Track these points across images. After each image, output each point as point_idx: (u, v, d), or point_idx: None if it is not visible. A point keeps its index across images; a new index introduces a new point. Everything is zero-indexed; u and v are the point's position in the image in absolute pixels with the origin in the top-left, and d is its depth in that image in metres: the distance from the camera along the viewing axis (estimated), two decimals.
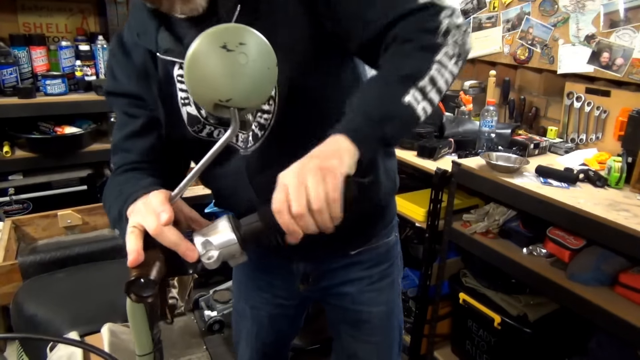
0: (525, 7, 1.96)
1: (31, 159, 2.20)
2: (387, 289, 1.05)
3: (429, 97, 0.68)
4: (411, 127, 0.72)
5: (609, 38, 1.69)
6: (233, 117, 0.63)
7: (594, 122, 1.76)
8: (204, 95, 0.62)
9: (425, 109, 0.68)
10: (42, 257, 1.44)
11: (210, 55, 0.59)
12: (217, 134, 0.83)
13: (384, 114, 0.66)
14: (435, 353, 1.95)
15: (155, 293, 0.61)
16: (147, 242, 0.63)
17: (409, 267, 2.08)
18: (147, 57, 0.79)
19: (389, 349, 1.09)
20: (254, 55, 0.60)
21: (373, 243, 1.01)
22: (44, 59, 2.31)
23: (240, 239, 0.64)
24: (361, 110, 0.67)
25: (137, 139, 0.84)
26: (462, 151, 1.83)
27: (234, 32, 0.60)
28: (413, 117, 0.68)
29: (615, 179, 1.44)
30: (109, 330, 1.04)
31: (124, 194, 0.74)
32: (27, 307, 1.14)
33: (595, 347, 1.54)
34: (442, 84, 0.70)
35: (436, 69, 0.68)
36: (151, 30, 0.76)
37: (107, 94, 0.87)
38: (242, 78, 0.61)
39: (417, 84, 0.67)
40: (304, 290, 1.03)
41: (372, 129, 0.66)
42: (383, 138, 0.67)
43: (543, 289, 1.50)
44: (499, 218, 1.68)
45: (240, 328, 1.17)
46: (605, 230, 1.23)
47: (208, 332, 2.26)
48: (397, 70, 0.69)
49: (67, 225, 1.90)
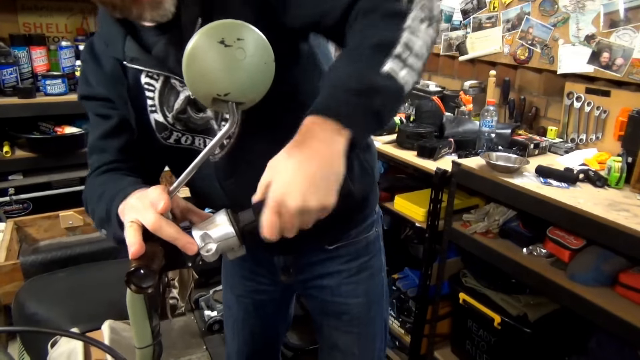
0: (525, 7, 1.96)
1: (31, 158, 2.20)
2: (366, 280, 1.05)
3: (409, 63, 0.64)
4: (398, 99, 0.66)
5: (609, 38, 1.69)
6: (231, 111, 0.65)
7: (594, 122, 1.76)
8: (202, 89, 0.63)
9: (406, 77, 0.64)
10: (44, 257, 1.46)
11: (209, 51, 0.60)
12: (185, 140, 0.84)
13: (368, 85, 0.61)
14: (435, 353, 1.94)
15: (155, 284, 0.61)
16: (145, 236, 0.64)
17: (408, 267, 2.08)
18: (117, 65, 0.80)
19: (371, 340, 1.09)
20: (252, 51, 0.61)
21: (352, 238, 1.01)
22: (44, 59, 2.32)
23: (239, 232, 0.65)
24: (340, 85, 0.62)
25: (111, 138, 0.85)
26: (462, 151, 1.84)
27: (231, 27, 0.61)
28: (397, 87, 0.63)
29: (615, 179, 1.44)
30: (109, 327, 1.05)
31: (109, 193, 0.74)
32: (28, 305, 1.14)
33: (595, 346, 1.54)
34: (419, 48, 0.65)
35: (409, 33, 0.64)
36: (118, 39, 0.77)
37: (80, 98, 0.88)
38: (240, 73, 0.62)
39: (391, 51, 0.62)
40: (286, 281, 1.05)
41: (358, 102, 0.61)
42: (374, 111, 0.62)
43: (543, 289, 1.50)
44: (499, 218, 1.68)
45: (228, 320, 1.19)
46: (605, 230, 1.23)
47: (208, 332, 2.26)
48: (367, 41, 0.64)
49: (69, 226, 1.91)
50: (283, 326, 1.25)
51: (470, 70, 2.28)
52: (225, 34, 0.60)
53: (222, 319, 2.24)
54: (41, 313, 1.12)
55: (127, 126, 0.84)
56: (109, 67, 0.80)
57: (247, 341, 1.17)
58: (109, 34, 0.79)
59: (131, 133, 0.84)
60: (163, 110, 0.81)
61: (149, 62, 0.77)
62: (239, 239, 0.65)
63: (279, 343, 1.27)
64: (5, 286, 1.45)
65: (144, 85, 0.79)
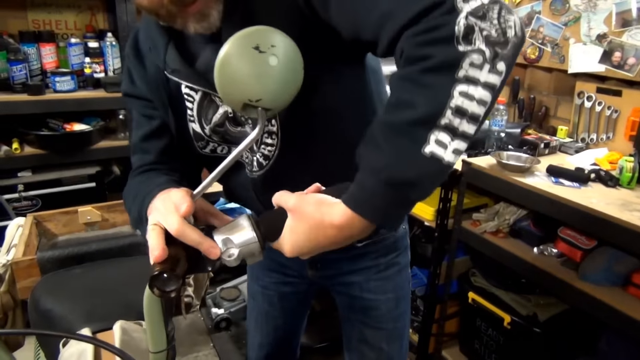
0: (535, 6, 1.95)
1: (40, 155, 2.20)
2: (394, 277, 1.05)
3: (460, 133, 0.53)
4: (443, 177, 0.57)
5: (620, 37, 1.68)
6: (261, 117, 0.64)
7: (605, 121, 1.75)
8: (234, 95, 0.63)
9: (457, 150, 0.54)
10: (60, 253, 1.46)
11: (243, 56, 0.60)
12: (221, 150, 0.84)
13: (402, 178, 0.54)
14: (443, 352, 1.95)
15: (178, 287, 0.61)
16: (168, 239, 0.64)
17: (417, 266, 2.08)
18: (160, 71, 0.79)
19: (399, 335, 1.09)
20: (284, 58, 0.62)
21: (380, 235, 1.01)
22: (53, 56, 2.31)
23: (261, 238, 0.65)
24: (377, 171, 0.56)
25: (155, 139, 0.85)
26: (471, 150, 1.83)
27: (265, 34, 0.61)
28: (441, 168, 0.54)
29: (627, 178, 1.44)
30: (120, 328, 1.04)
31: (142, 194, 0.74)
32: (44, 302, 1.14)
33: (605, 347, 1.54)
34: (477, 108, 0.53)
35: (460, 92, 0.52)
36: (160, 46, 0.76)
37: (124, 94, 0.88)
38: (272, 79, 0.62)
39: (437, 123, 0.52)
40: (313, 276, 1.05)
41: (393, 198, 0.56)
42: (409, 202, 0.58)
43: (554, 289, 1.50)
44: (509, 217, 1.68)
45: (252, 311, 1.19)
46: (617, 230, 1.23)
47: (215, 329, 2.26)
48: (406, 108, 0.54)
49: (87, 221, 1.92)
50: (304, 321, 1.25)
51: None
52: (259, 40, 0.60)
53: (229, 316, 2.25)
54: (56, 310, 1.12)
55: (169, 129, 0.84)
56: (153, 71, 0.80)
57: (269, 333, 1.17)
58: (153, 38, 0.78)
59: (173, 136, 0.84)
60: (201, 122, 0.80)
61: (190, 77, 0.76)
62: (261, 244, 0.65)
63: (299, 337, 1.27)
64: (23, 281, 1.46)
65: (184, 95, 0.79)
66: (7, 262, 1.47)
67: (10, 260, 1.49)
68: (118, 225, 1.97)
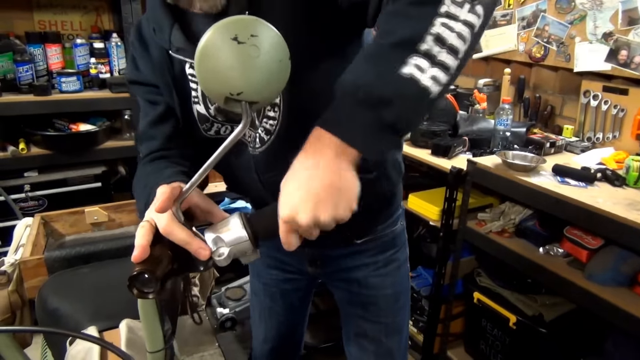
0: (541, 4, 1.94)
1: (46, 155, 2.22)
2: (393, 273, 1.05)
3: (439, 61, 0.55)
4: (422, 105, 0.57)
5: (627, 36, 1.67)
6: (244, 111, 0.62)
7: (611, 120, 1.74)
8: (215, 88, 0.60)
9: (436, 78, 0.55)
10: (67, 253, 1.47)
11: (221, 48, 0.57)
12: (225, 131, 0.83)
13: (378, 97, 0.55)
14: (448, 352, 1.94)
15: (157, 290, 0.60)
16: (157, 237, 0.63)
17: (422, 266, 2.08)
18: (164, 53, 0.79)
19: (399, 329, 1.10)
20: (266, 48, 0.59)
21: (379, 232, 1.01)
22: (59, 57, 2.33)
23: (252, 236, 0.63)
24: (350, 93, 0.56)
25: (161, 124, 0.84)
26: (476, 150, 1.83)
27: (245, 24, 0.58)
28: (419, 92, 0.55)
29: (634, 178, 1.43)
30: (126, 326, 1.05)
31: (149, 185, 0.74)
32: (51, 301, 1.15)
33: (612, 347, 1.53)
34: (456, 40, 0.56)
35: (442, 23, 0.55)
36: (165, 27, 0.75)
37: (129, 82, 0.88)
38: (254, 71, 0.59)
39: (417, 48, 0.55)
40: (313, 273, 1.05)
41: (365, 117, 0.55)
42: (383, 126, 0.56)
43: (560, 289, 1.49)
44: (514, 217, 1.67)
45: (255, 307, 1.20)
46: (624, 230, 1.22)
47: (220, 329, 2.26)
48: (389, 34, 0.57)
49: (94, 221, 1.93)
50: (306, 315, 1.26)
51: (484, 68, 2.27)
52: (238, 30, 0.57)
53: (234, 316, 2.25)
54: (63, 309, 1.13)
55: (174, 113, 0.83)
56: (157, 54, 0.79)
57: (273, 328, 1.19)
58: (157, 20, 0.77)
59: (178, 120, 0.83)
60: (206, 102, 0.79)
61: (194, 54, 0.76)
62: (252, 243, 0.64)
63: (302, 331, 1.28)
64: (31, 280, 1.48)
65: (188, 77, 0.79)
66: (15, 262, 1.49)
67: (18, 259, 1.50)
68: (125, 226, 1.98)
